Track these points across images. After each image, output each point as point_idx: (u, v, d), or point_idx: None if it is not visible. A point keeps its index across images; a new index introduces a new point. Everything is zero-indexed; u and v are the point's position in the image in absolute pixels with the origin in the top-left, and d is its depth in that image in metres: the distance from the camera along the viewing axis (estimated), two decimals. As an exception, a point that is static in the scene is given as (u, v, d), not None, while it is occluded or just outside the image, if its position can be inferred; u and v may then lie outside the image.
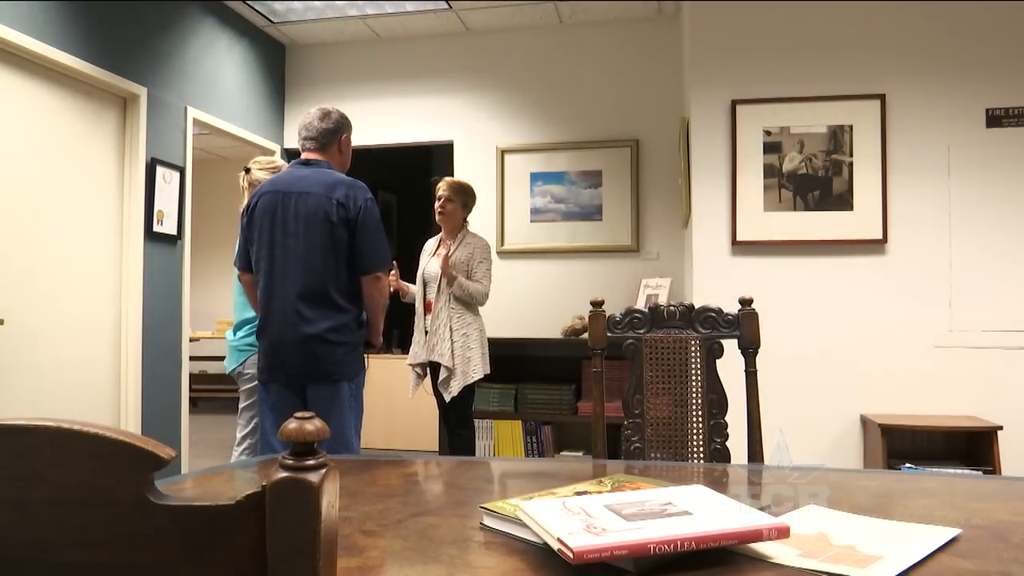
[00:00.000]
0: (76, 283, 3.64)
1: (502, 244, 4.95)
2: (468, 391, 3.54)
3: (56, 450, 0.51)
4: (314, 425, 0.53)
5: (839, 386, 3.58)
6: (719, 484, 1.38)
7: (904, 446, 3.45)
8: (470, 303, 3.55)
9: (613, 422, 2.34)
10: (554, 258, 4.90)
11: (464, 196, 3.66)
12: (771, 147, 3.69)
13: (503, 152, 5.00)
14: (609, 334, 1.95)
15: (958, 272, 3.55)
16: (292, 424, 0.53)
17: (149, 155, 4.01)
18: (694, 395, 1.92)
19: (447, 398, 3.49)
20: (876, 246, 3.59)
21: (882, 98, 3.61)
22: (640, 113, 4.81)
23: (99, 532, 0.52)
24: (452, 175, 4.89)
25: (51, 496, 0.52)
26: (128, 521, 0.51)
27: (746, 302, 1.94)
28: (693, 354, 1.93)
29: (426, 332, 3.56)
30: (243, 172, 3.07)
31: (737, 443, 1.88)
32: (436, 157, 7.10)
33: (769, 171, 3.69)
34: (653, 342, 1.95)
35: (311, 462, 0.52)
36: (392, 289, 3.36)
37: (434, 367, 3.58)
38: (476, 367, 3.50)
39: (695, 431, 1.91)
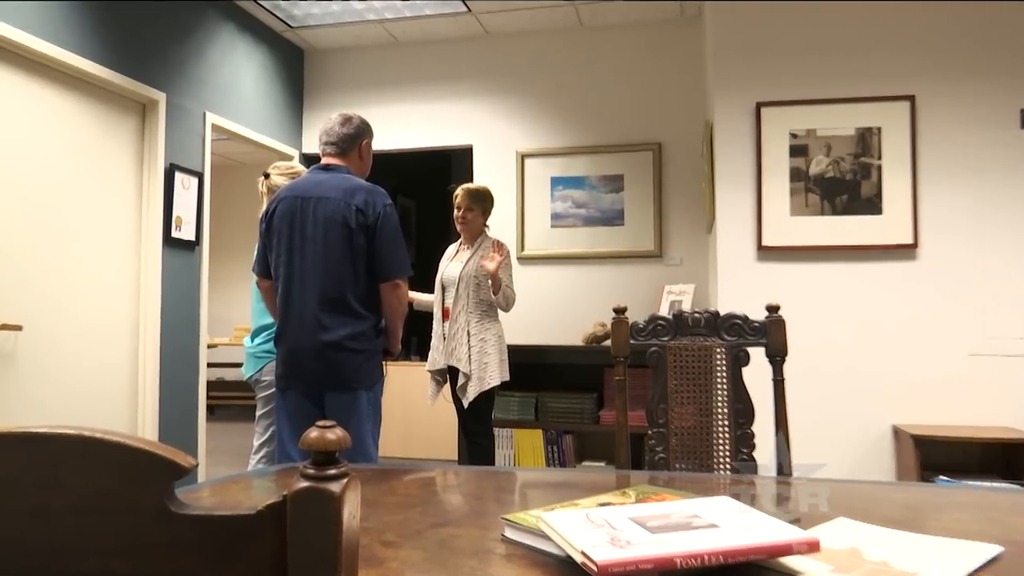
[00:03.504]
0: (94, 289, 3.68)
1: (522, 249, 4.98)
2: (487, 399, 3.54)
3: (77, 458, 0.52)
4: (336, 434, 0.53)
5: (869, 395, 3.54)
6: (746, 496, 1.36)
7: (938, 458, 3.40)
8: (488, 309, 3.57)
9: (636, 432, 2.33)
10: (575, 264, 4.91)
11: (483, 202, 3.69)
12: (797, 150, 3.66)
13: (523, 156, 5.03)
14: (632, 341, 1.95)
15: (992, 277, 3.50)
16: (314, 433, 0.53)
17: (168, 161, 4.07)
18: (720, 404, 1.91)
19: (465, 404, 3.50)
20: (906, 251, 3.55)
21: (911, 99, 3.58)
22: (662, 116, 4.81)
23: (120, 541, 0.52)
24: (471, 180, 4.96)
25: (72, 504, 0.52)
26: (149, 530, 0.52)
27: (773, 309, 1.94)
28: (718, 362, 1.93)
29: (444, 338, 3.59)
30: (262, 177, 3.09)
31: (765, 454, 1.87)
32: (455, 162, 7.12)
33: (795, 174, 3.66)
34: (677, 350, 1.94)
35: (332, 472, 0.52)
36: None
37: (453, 373, 3.59)
38: (493, 373, 3.51)
39: (721, 441, 1.91)
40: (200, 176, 4.32)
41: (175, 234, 4.10)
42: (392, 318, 2.62)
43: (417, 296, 3.75)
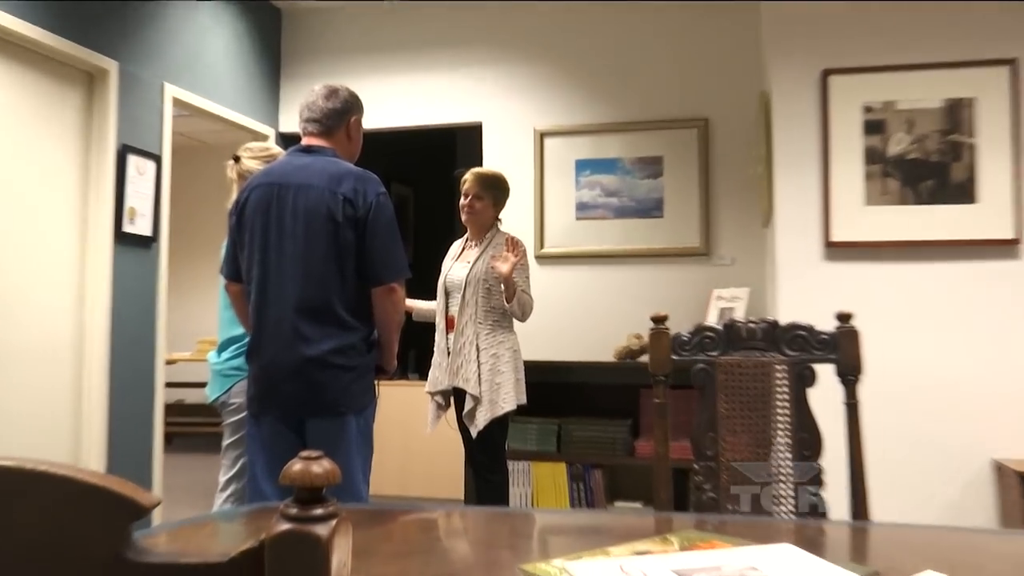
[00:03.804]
0: (29, 296, 3.67)
1: (541, 247, 4.95)
2: (499, 426, 3.54)
3: (17, 496, 0.52)
4: (323, 467, 0.53)
5: (964, 423, 3.51)
6: (813, 544, 1.37)
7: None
8: (501, 319, 3.58)
9: (680, 466, 2.33)
10: (605, 264, 4.89)
11: (496, 191, 3.70)
12: (872, 126, 3.65)
13: (542, 135, 5.01)
14: (674, 357, 1.96)
15: (1112, 280, 3.47)
16: (297, 465, 0.53)
17: (120, 141, 4.08)
18: (780, 433, 1.92)
19: (473, 433, 3.50)
20: (1007, 248, 3.53)
21: (1012, 64, 3.55)
22: (709, 87, 4.81)
23: (67, 594, 0.52)
24: (480, 164, 4.96)
25: (10, 551, 0.52)
26: (102, 581, 0.52)
27: (844, 318, 1.94)
28: (778, 382, 1.94)
29: (448, 353, 3.59)
30: (231, 161, 3.10)
31: (835, 493, 1.87)
32: (461, 142, 7.07)
33: (870, 156, 3.65)
34: (729, 367, 1.95)
35: (320, 511, 0.52)
36: None
37: (458, 396, 3.59)
38: (507, 395, 3.50)
39: (783, 477, 1.91)
40: (158, 159, 4.33)
41: (128, 228, 4.11)
42: (386, 329, 2.63)
43: (416, 304, 3.77)
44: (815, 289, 3.68)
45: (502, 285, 3.48)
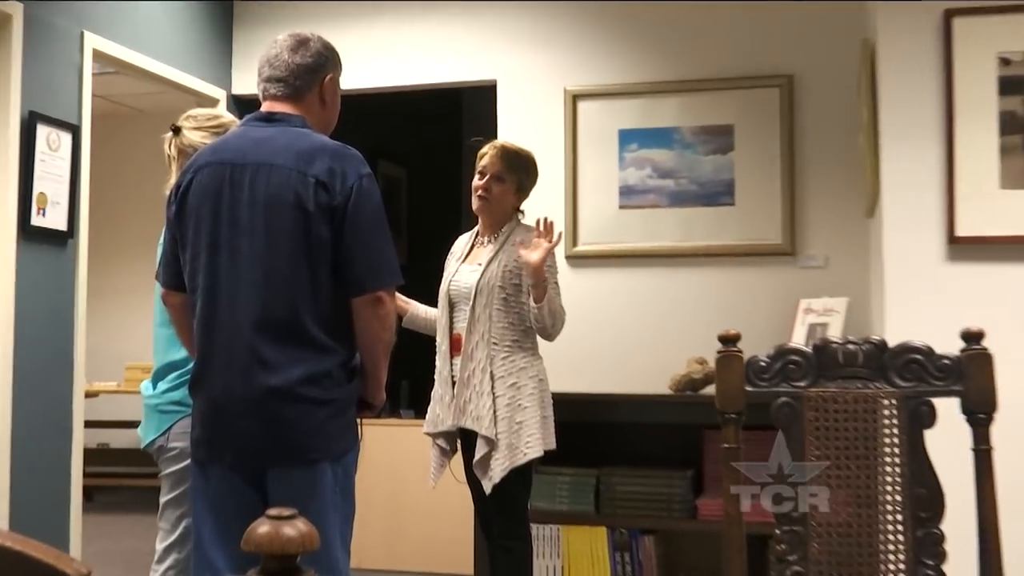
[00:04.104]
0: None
1: (573, 244, 4.91)
2: (521, 479, 3.53)
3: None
4: (297, 530, 0.54)
5: None
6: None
7: None
8: (523, 337, 3.58)
9: (757, 531, 2.33)
10: (657, 266, 4.86)
11: (521, 173, 3.71)
12: (1011, 85, 3.63)
13: (575, 98, 4.97)
14: (749, 388, 1.96)
15: None
16: (263, 527, 0.54)
17: (26, 108, 4.09)
18: (889, 487, 1.92)
19: (487, 487, 3.48)
20: None
21: None
22: (794, 34, 4.78)
23: None
24: (494, 133, 4.89)
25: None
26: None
27: (973, 337, 1.94)
28: (886, 421, 1.93)
29: (453, 382, 3.58)
30: (170, 134, 3.10)
31: (961, 567, 1.86)
32: (469, 108, 7.12)
33: (1009, 123, 3.62)
34: (821, 402, 1.95)
35: (293, 587, 0.53)
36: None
37: (467, 439, 3.59)
38: (532, 438, 3.49)
39: (891, 546, 1.90)
40: (75, 131, 4.34)
41: (37, 221, 4.12)
42: (371, 351, 2.63)
43: (411, 306, 3.77)
44: (935, 299, 3.64)
45: (529, 280, 3.47)
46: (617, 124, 4.96)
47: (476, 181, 3.67)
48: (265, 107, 2.68)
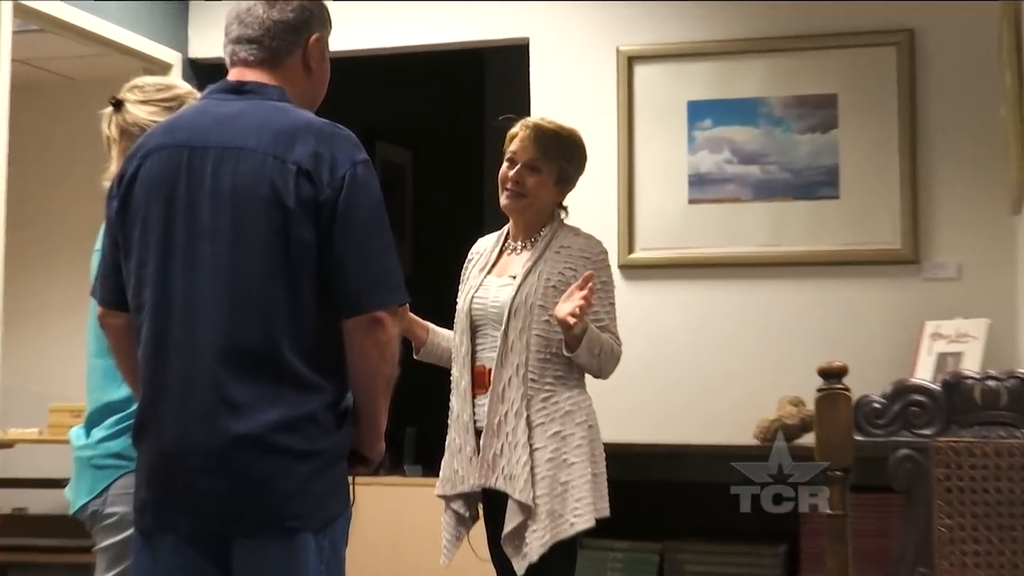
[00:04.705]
0: None
1: (629, 251, 4.79)
2: (565, 555, 3.30)
3: None
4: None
5: None
6: None
7: None
8: (568, 373, 3.36)
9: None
10: (738, 278, 4.75)
11: (562, 159, 3.48)
12: None
13: (629, 60, 4.83)
14: (859, 438, 1.97)
15: None
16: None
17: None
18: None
19: (520, 569, 3.25)
20: None
21: None
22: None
23: None
24: (527, 106, 4.79)
25: None
26: None
27: None
28: (1044, 483, 1.95)
29: (477, 430, 3.38)
30: (110, 109, 2.94)
31: None
32: (493, 73, 6.92)
33: None
34: (954, 455, 1.94)
35: None
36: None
37: (494, 503, 3.37)
38: (580, 504, 3.25)
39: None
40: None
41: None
42: (368, 389, 2.45)
43: (433, 338, 3.58)
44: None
45: (560, 326, 3.27)
46: (685, 94, 4.78)
47: (505, 170, 3.48)
48: (233, 75, 2.53)
